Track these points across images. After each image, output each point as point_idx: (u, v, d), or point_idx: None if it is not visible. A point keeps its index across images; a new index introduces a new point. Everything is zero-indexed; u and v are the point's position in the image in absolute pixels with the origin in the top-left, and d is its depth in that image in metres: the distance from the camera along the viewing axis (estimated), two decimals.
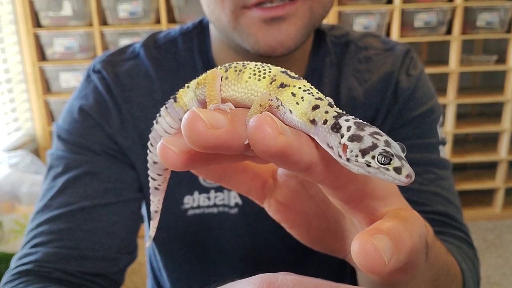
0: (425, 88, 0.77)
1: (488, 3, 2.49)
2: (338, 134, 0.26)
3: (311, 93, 0.29)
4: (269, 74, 0.30)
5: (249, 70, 0.31)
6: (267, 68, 0.31)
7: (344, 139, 0.26)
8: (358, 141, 0.26)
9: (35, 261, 0.63)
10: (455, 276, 0.57)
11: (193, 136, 0.25)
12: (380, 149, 0.25)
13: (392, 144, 0.26)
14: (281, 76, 0.30)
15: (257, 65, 0.31)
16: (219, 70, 0.33)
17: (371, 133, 0.26)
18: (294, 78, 0.30)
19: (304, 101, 0.28)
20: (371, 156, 0.25)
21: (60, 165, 0.70)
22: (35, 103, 2.50)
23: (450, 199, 0.71)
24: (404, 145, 0.85)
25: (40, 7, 2.38)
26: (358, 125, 0.26)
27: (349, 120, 0.27)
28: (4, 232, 1.93)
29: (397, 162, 0.25)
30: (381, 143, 0.25)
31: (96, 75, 0.74)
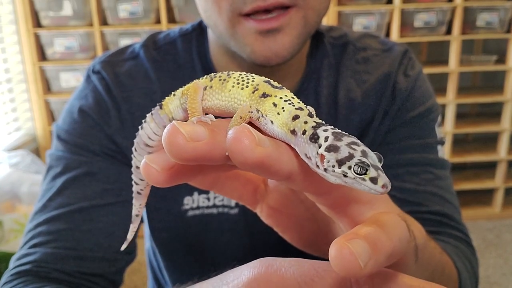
0: (423, 88, 0.77)
1: (488, 3, 2.49)
2: (316, 144, 0.27)
3: (292, 103, 0.29)
4: (252, 83, 0.31)
5: (233, 79, 0.32)
6: (251, 78, 0.31)
7: (322, 149, 0.26)
8: (335, 151, 0.26)
9: (34, 261, 0.63)
10: (451, 275, 0.57)
11: (174, 149, 0.26)
12: (356, 159, 0.25)
13: (369, 154, 0.26)
14: (264, 85, 0.31)
15: (241, 74, 0.32)
16: (203, 80, 0.33)
17: (348, 143, 0.26)
18: (276, 88, 0.30)
19: (284, 112, 0.29)
20: (347, 166, 0.25)
21: (59, 165, 0.70)
22: (36, 103, 2.50)
23: (448, 198, 0.71)
24: (402, 145, 0.85)
25: (40, 7, 2.38)
26: (336, 135, 0.27)
27: (327, 130, 0.27)
28: (5, 231, 1.93)
29: (373, 172, 0.25)
30: (357, 154, 0.26)
31: (96, 76, 0.74)
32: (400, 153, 0.73)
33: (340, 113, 0.74)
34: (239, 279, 0.27)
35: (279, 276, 0.27)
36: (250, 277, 0.27)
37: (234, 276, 0.28)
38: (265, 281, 0.27)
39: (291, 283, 0.26)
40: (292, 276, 0.27)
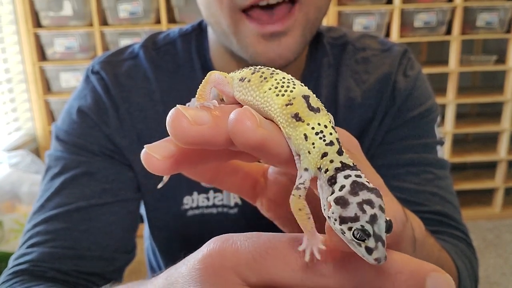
0: (422, 88, 0.77)
1: (488, 3, 2.49)
2: (330, 189, 0.26)
3: (323, 137, 0.27)
4: (289, 94, 0.28)
5: (273, 81, 0.29)
6: (291, 85, 0.29)
7: (331, 197, 0.25)
8: (342, 207, 0.24)
9: (31, 260, 0.63)
10: (450, 273, 0.57)
11: (178, 132, 0.27)
12: (359, 224, 0.24)
13: (379, 220, 0.24)
14: (300, 102, 0.28)
15: (284, 78, 0.29)
16: (245, 71, 0.31)
17: (361, 202, 0.24)
18: (312, 111, 0.28)
19: (315, 149, 0.27)
20: (348, 227, 0.24)
21: (58, 165, 0.70)
22: (36, 103, 2.51)
23: (448, 198, 0.71)
24: (402, 145, 0.85)
25: (40, 7, 2.38)
26: (354, 187, 0.25)
27: (348, 177, 0.25)
28: (5, 231, 1.93)
29: (371, 243, 0.24)
30: (364, 217, 0.24)
31: (95, 76, 0.74)
32: (400, 153, 0.73)
33: (340, 112, 0.74)
34: (196, 257, 0.28)
35: (234, 250, 0.27)
36: (205, 253, 0.27)
37: (192, 255, 0.28)
38: (220, 255, 0.27)
39: (245, 256, 0.26)
40: (247, 249, 0.27)
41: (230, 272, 0.26)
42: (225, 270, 0.26)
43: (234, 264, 0.27)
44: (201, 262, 0.27)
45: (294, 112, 0.28)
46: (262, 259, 0.26)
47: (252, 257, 0.26)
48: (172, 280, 0.28)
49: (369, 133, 0.74)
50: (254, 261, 0.26)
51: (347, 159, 0.27)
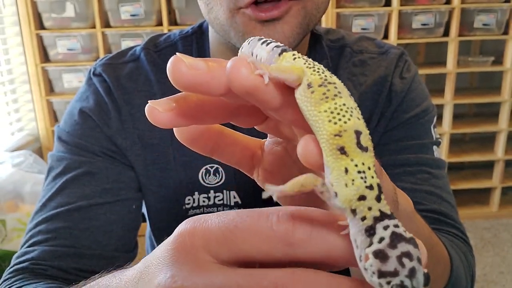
0: (418, 90, 0.78)
1: (485, 5, 2.50)
2: (368, 239, 0.24)
3: (365, 178, 0.25)
4: (342, 125, 0.26)
5: (332, 103, 0.27)
6: (348, 115, 0.26)
7: (370, 249, 0.24)
8: (382, 261, 0.23)
9: (31, 259, 0.64)
10: (441, 257, 0.58)
11: (176, 76, 0.28)
12: (399, 280, 0.23)
13: (417, 274, 0.24)
14: (350, 137, 0.26)
15: (345, 105, 0.27)
16: (315, 76, 0.28)
17: (400, 255, 0.23)
18: (360, 148, 0.26)
19: (353, 186, 0.25)
20: (386, 281, 0.23)
21: (60, 166, 0.71)
22: (38, 104, 2.51)
23: (444, 197, 0.72)
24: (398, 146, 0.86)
25: (43, 9, 2.39)
26: (393, 240, 0.24)
27: (387, 228, 0.24)
28: (8, 231, 1.94)
29: None
30: (404, 271, 0.23)
31: (97, 78, 0.75)
32: (396, 154, 0.74)
33: None
34: (168, 239, 0.28)
35: (204, 228, 0.27)
36: (176, 234, 0.28)
37: (167, 239, 0.29)
38: (190, 234, 0.27)
39: (215, 233, 0.27)
40: (216, 226, 0.27)
41: (201, 250, 0.27)
42: (196, 249, 0.27)
43: (204, 242, 0.27)
44: (173, 242, 0.28)
45: (340, 145, 0.26)
46: (231, 234, 0.26)
47: (222, 233, 0.27)
48: (148, 263, 0.29)
49: None
50: (223, 237, 0.27)
51: (385, 206, 0.25)
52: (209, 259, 0.26)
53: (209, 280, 0.25)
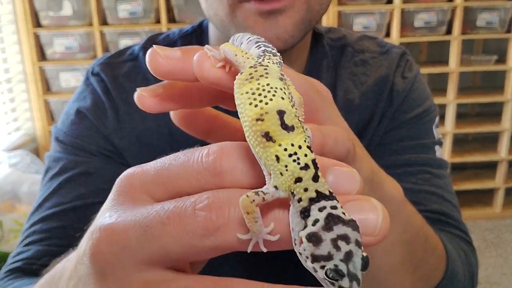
0: (420, 90, 0.77)
1: (488, 3, 2.49)
2: (302, 221, 0.24)
3: (297, 159, 0.25)
4: (263, 107, 0.26)
5: (255, 83, 0.27)
6: (270, 95, 0.26)
7: (303, 232, 0.23)
8: (315, 244, 0.23)
9: (25, 258, 0.64)
10: (436, 249, 0.58)
11: (154, 66, 0.32)
12: (333, 264, 0.22)
13: (354, 258, 0.23)
14: (272, 119, 0.25)
15: (269, 84, 0.27)
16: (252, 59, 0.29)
17: (335, 238, 0.23)
18: (286, 129, 0.25)
19: (288, 172, 0.25)
20: (320, 265, 0.23)
21: (57, 166, 0.71)
22: (35, 103, 2.51)
23: (446, 197, 0.71)
24: (400, 146, 0.85)
25: (40, 7, 2.38)
26: (328, 222, 0.23)
27: (323, 210, 0.24)
28: (4, 231, 1.94)
29: (345, 283, 0.23)
30: (339, 256, 0.23)
31: (95, 78, 0.74)
32: (398, 154, 0.73)
33: None
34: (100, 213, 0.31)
35: (141, 171, 0.31)
36: (117, 181, 0.31)
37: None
38: (128, 178, 0.30)
39: (151, 174, 0.30)
40: (152, 167, 0.30)
41: (138, 190, 0.29)
42: (133, 189, 0.29)
43: (141, 183, 0.29)
44: (114, 188, 0.31)
45: (264, 131, 0.25)
46: (166, 172, 0.28)
47: (157, 172, 0.29)
48: (98, 215, 0.31)
49: (367, 134, 0.75)
50: (158, 176, 0.29)
51: (323, 186, 0.25)
52: (146, 198, 0.29)
53: (141, 213, 0.27)
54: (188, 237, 0.26)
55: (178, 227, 0.26)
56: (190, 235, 0.26)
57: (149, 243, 0.26)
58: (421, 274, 0.55)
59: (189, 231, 0.26)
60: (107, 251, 0.28)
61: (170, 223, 0.26)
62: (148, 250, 0.26)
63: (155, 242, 0.26)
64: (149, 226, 0.26)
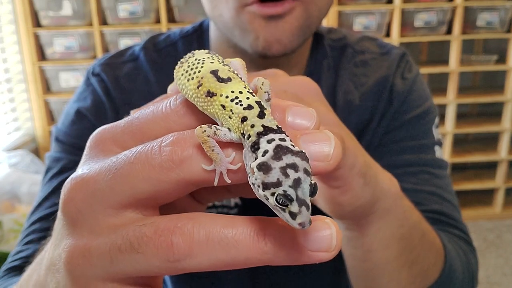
0: (420, 90, 0.77)
1: (488, 3, 2.49)
2: (253, 155, 0.25)
3: (240, 102, 0.27)
4: (197, 75, 0.29)
5: (185, 65, 0.30)
6: (200, 66, 0.29)
7: (254, 163, 0.25)
8: (265, 172, 0.24)
9: (24, 257, 0.64)
10: (434, 245, 0.58)
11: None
12: (282, 189, 0.24)
13: (303, 184, 0.24)
14: (208, 79, 0.28)
15: (197, 59, 0.30)
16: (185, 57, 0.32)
17: (284, 166, 0.24)
18: (223, 82, 0.28)
19: (234, 115, 0.27)
20: (270, 192, 0.24)
21: (57, 166, 0.71)
22: (35, 103, 2.50)
23: (446, 197, 0.71)
24: (400, 146, 0.86)
25: (40, 7, 2.38)
26: (277, 151, 0.25)
27: (271, 142, 0.25)
28: (4, 231, 1.93)
29: (295, 208, 0.24)
30: (287, 182, 0.24)
31: (95, 78, 0.74)
32: (398, 154, 0.73)
33: (338, 114, 0.74)
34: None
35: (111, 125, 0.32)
36: (90, 138, 0.32)
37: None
38: (99, 133, 0.32)
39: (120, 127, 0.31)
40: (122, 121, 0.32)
41: (109, 143, 0.31)
42: (104, 143, 0.31)
43: (112, 135, 0.31)
44: (87, 145, 0.32)
45: (206, 91, 0.28)
46: (136, 121, 0.31)
47: (127, 124, 0.31)
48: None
49: (367, 135, 0.75)
50: (128, 126, 0.31)
51: (270, 121, 0.26)
52: (116, 149, 0.30)
53: (110, 160, 0.29)
54: (155, 171, 0.27)
55: (145, 164, 0.27)
56: (157, 169, 0.27)
57: (118, 183, 0.28)
58: (418, 269, 0.56)
59: (155, 166, 0.27)
60: (77, 198, 0.29)
61: (137, 162, 0.27)
62: (117, 191, 0.28)
63: (123, 182, 0.28)
64: (118, 168, 0.28)
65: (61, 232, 0.31)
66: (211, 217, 0.27)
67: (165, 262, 0.26)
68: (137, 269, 0.27)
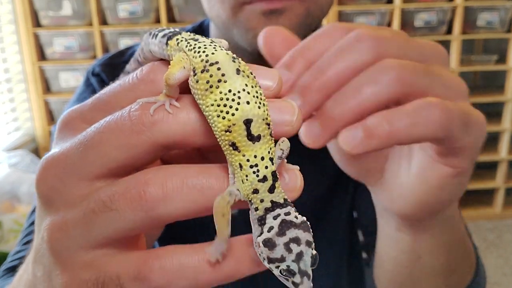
0: None
1: (488, 3, 2.49)
2: (259, 228, 0.27)
3: (257, 172, 0.27)
4: (230, 118, 0.26)
5: (217, 93, 0.26)
6: (235, 105, 0.26)
7: (260, 238, 0.26)
8: (270, 249, 0.26)
9: (24, 257, 0.64)
10: (470, 254, 0.58)
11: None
12: (286, 264, 0.26)
13: (304, 257, 0.26)
14: (239, 131, 0.26)
15: (231, 91, 0.26)
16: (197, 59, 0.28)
17: (287, 242, 0.26)
18: (251, 140, 0.27)
19: (248, 181, 0.27)
20: (275, 266, 0.26)
21: None
22: (35, 103, 2.50)
23: None
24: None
25: (39, 7, 2.38)
26: (281, 228, 0.26)
27: (277, 218, 0.26)
28: (4, 231, 1.93)
29: (297, 279, 0.26)
30: (290, 257, 0.26)
31: (95, 78, 0.74)
32: None
33: None
34: None
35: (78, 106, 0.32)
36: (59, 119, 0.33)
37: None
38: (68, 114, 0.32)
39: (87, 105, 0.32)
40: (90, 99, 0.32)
41: (78, 121, 0.31)
42: (73, 122, 0.31)
43: (80, 113, 0.31)
44: (56, 128, 0.32)
45: (231, 141, 0.27)
46: (103, 96, 0.31)
47: (94, 100, 0.31)
48: None
49: None
50: (96, 103, 0.31)
51: (278, 195, 0.27)
52: (84, 125, 0.30)
53: (80, 135, 0.29)
54: (125, 137, 0.27)
55: (114, 131, 0.27)
56: (127, 134, 0.27)
57: (89, 154, 0.28)
58: (456, 280, 0.55)
59: (126, 131, 0.27)
60: (49, 175, 0.29)
61: (107, 130, 0.28)
62: (89, 162, 0.28)
63: (94, 152, 0.28)
64: (88, 139, 0.28)
65: (40, 216, 0.31)
66: (182, 166, 0.28)
67: (140, 213, 0.26)
68: (114, 228, 0.27)
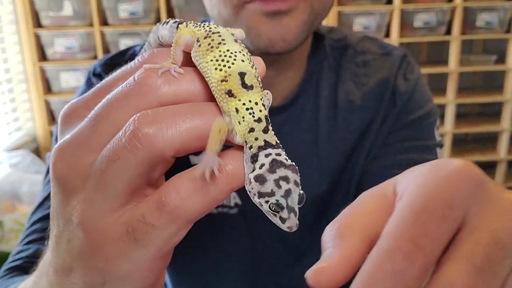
0: (422, 92, 0.78)
1: (488, 3, 2.49)
2: (252, 165, 0.29)
3: (252, 113, 0.30)
4: (226, 70, 0.30)
5: (216, 52, 0.31)
6: (231, 60, 0.31)
7: (252, 174, 0.28)
8: (260, 183, 0.28)
9: (25, 257, 0.64)
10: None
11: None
12: (275, 199, 0.27)
13: (292, 194, 0.28)
14: (234, 80, 0.30)
15: (229, 50, 0.31)
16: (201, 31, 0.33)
17: (277, 178, 0.28)
18: (245, 88, 0.30)
19: (244, 122, 0.30)
20: (265, 200, 0.28)
21: None
22: (36, 103, 2.50)
23: None
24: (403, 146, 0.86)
25: (40, 7, 2.38)
26: (272, 165, 0.28)
27: (268, 156, 0.28)
28: (5, 231, 1.93)
29: (285, 214, 0.28)
30: (279, 192, 0.28)
31: (96, 78, 0.74)
32: (401, 154, 0.74)
33: (340, 114, 0.75)
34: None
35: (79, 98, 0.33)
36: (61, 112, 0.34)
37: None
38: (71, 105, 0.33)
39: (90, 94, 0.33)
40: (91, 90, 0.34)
41: (81, 110, 0.32)
42: (76, 112, 0.32)
43: (83, 103, 0.32)
44: (59, 120, 0.33)
45: (227, 89, 0.30)
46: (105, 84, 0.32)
47: (95, 89, 0.33)
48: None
49: (370, 134, 0.75)
50: (99, 91, 0.32)
51: (271, 137, 0.30)
52: (86, 113, 0.31)
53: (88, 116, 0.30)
54: (135, 100, 0.30)
55: (123, 98, 0.30)
56: (135, 97, 0.29)
57: (101, 125, 0.30)
58: None
59: (134, 94, 0.29)
60: (65, 156, 0.31)
61: (115, 100, 0.30)
62: (101, 133, 0.30)
63: (106, 122, 0.30)
64: (98, 112, 0.30)
65: (61, 202, 0.31)
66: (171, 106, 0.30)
67: (141, 153, 0.28)
68: (125, 178, 0.29)
